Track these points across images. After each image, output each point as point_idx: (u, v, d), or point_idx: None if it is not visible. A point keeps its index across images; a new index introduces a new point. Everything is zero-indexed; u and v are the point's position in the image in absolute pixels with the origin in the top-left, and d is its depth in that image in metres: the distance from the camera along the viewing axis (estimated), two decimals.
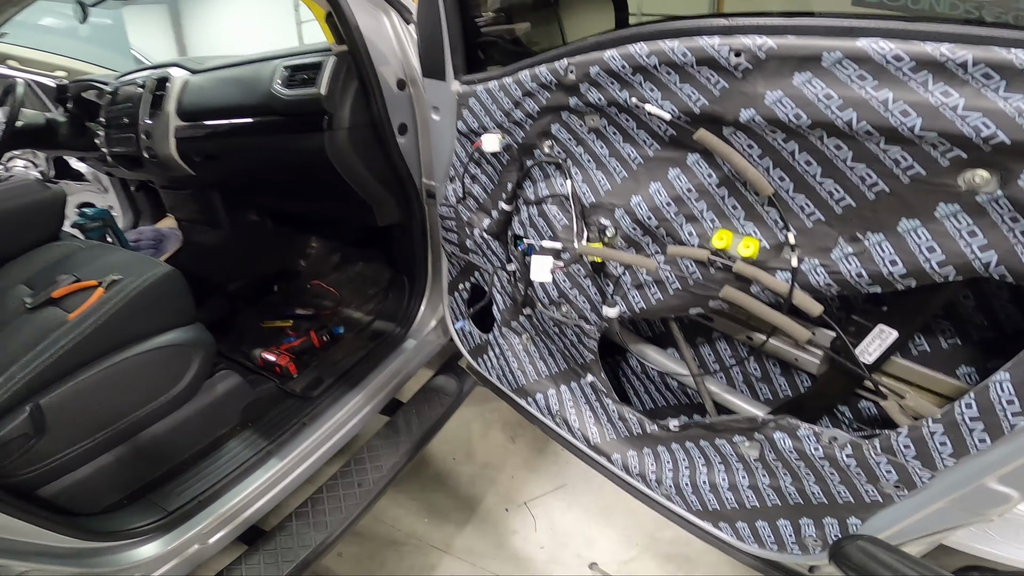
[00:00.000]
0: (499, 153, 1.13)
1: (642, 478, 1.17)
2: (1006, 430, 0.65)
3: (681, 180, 0.87)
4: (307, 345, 1.74)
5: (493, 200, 1.23)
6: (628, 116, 0.90)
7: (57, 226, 1.68)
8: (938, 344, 0.94)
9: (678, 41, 0.75)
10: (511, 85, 1.04)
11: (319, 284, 1.93)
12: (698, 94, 0.77)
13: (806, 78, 0.66)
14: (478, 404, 2.23)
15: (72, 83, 2.19)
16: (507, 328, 1.38)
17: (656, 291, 0.96)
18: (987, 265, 0.63)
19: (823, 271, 0.75)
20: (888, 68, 0.61)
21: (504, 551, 1.72)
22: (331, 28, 1.39)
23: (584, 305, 1.11)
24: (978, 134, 0.57)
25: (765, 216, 0.80)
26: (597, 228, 1.01)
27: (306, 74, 1.42)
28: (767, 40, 0.67)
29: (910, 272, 0.68)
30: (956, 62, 0.57)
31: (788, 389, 1.16)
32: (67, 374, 1.18)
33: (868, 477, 0.81)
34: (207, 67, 1.71)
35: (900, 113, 0.61)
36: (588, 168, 1.00)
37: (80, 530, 1.16)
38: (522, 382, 1.39)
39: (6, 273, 1.56)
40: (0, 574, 1.02)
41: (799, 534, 0.94)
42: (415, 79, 1.42)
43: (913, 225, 0.66)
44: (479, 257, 1.34)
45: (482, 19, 1.20)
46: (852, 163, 0.68)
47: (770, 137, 0.73)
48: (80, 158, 2.50)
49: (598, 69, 0.86)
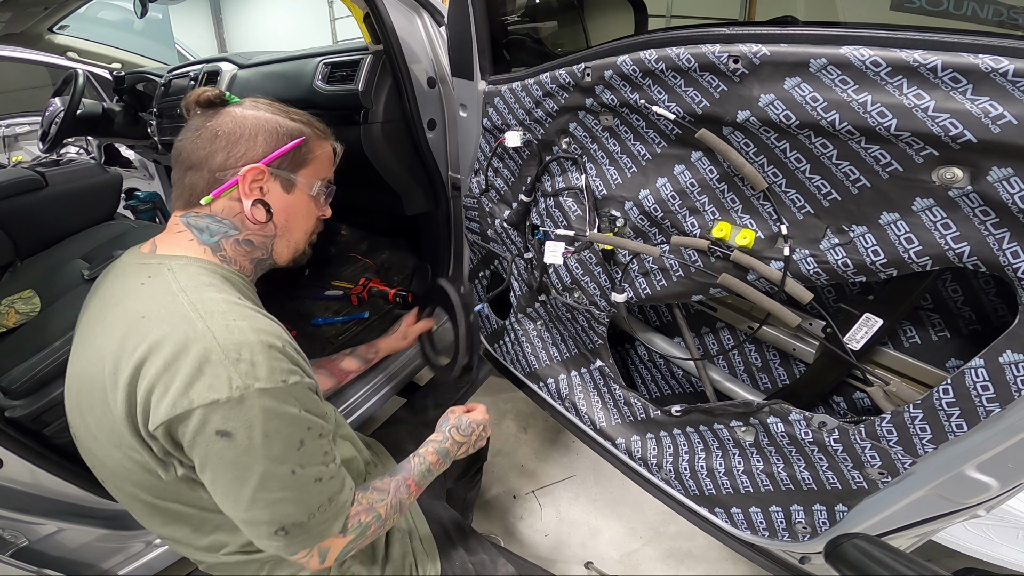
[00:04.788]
0: (520, 148, 1.20)
1: (644, 462, 1.21)
2: (982, 416, 0.68)
3: (685, 175, 0.92)
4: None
5: (513, 192, 1.30)
6: (638, 116, 0.96)
7: (114, 207, 1.81)
8: (928, 337, 0.97)
9: (683, 48, 0.81)
10: (533, 86, 1.11)
11: (355, 255, 2.03)
12: (700, 96, 0.83)
13: (795, 82, 0.72)
14: (492, 394, 2.30)
15: (128, 75, 2.32)
16: (523, 314, 1.45)
17: (661, 278, 1.02)
18: (960, 255, 0.67)
19: (813, 260, 0.80)
20: (867, 73, 0.66)
21: (510, 536, 1.77)
22: (368, 28, 1.46)
23: (594, 291, 1.17)
24: (947, 133, 0.62)
25: (760, 209, 0.85)
26: (608, 219, 1.07)
27: (345, 71, 1.50)
28: (762, 47, 0.73)
29: (891, 262, 0.73)
30: (927, 67, 0.62)
31: (786, 379, 1.20)
32: None
33: (854, 463, 0.84)
34: (254, 62, 1.81)
35: (878, 114, 0.66)
36: (601, 163, 1.07)
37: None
38: (535, 367, 1.46)
39: (66, 247, 1.69)
40: (34, 533, 1.08)
41: (789, 520, 0.98)
42: (444, 78, 1.49)
43: (893, 218, 0.71)
44: (499, 246, 1.42)
45: (509, 23, 1.27)
46: (837, 160, 0.73)
47: (764, 136, 0.79)
48: (131, 146, 2.65)
49: (612, 73, 0.93)
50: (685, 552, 1.69)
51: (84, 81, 2.04)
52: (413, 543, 1.00)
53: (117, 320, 0.68)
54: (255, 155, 0.77)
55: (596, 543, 1.74)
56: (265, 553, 0.80)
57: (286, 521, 0.69)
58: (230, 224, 0.79)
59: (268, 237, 0.82)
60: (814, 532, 0.94)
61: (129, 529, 1.25)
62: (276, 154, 0.78)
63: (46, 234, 1.73)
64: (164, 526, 0.79)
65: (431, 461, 0.96)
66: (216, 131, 0.76)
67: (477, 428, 1.06)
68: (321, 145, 0.85)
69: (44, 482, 1.09)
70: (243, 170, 0.76)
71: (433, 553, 1.02)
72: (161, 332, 0.64)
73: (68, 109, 2.00)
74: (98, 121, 2.20)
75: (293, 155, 0.80)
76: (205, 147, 0.76)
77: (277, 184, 0.80)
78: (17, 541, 1.08)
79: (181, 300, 0.67)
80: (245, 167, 0.76)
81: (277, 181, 0.80)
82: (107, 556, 1.25)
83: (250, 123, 0.78)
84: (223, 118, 0.78)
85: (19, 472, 1.05)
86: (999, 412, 0.66)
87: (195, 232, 0.77)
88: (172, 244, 0.77)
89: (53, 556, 1.14)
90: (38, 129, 2.22)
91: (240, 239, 0.80)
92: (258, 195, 0.78)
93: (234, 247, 0.79)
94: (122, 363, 0.65)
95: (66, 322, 1.30)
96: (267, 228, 0.81)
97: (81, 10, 2.34)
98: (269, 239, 0.83)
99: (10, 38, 2.31)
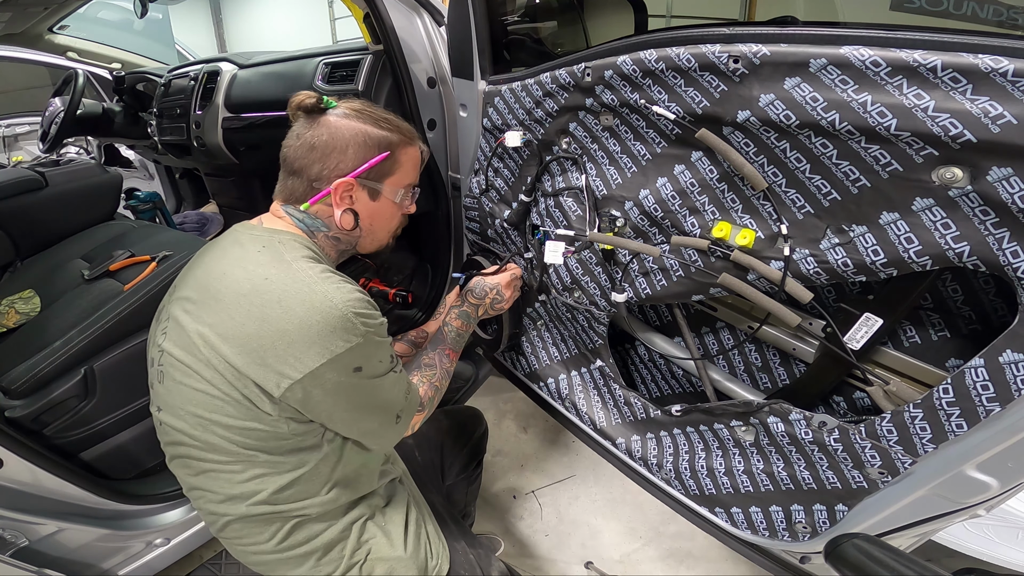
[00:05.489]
0: (520, 148, 1.21)
1: (644, 462, 1.21)
2: (982, 416, 0.68)
3: (685, 175, 0.92)
4: None
5: (513, 192, 1.30)
6: (638, 116, 0.96)
7: (114, 207, 1.81)
8: (928, 336, 0.97)
9: (683, 48, 0.82)
10: (533, 86, 1.11)
11: (355, 255, 2.03)
12: (700, 96, 0.83)
13: (795, 82, 0.72)
14: (492, 394, 2.30)
15: (128, 75, 2.32)
16: (523, 314, 1.45)
17: (661, 278, 1.02)
18: (960, 255, 0.67)
19: (813, 260, 0.80)
20: (867, 73, 0.66)
21: (510, 536, 1.77)
22: (368, 28, 1.47)
23: (594, 291, 1.17)
24: (947, 133, 0.62)
25: (760, 209, 0.85)
26: (608, 219, 1.07)
27: (345, 71, 1.51)
28: (762, 47, 0.73)
29: (891, 261, 0.73)
30: (927, 67, 0.62)
31: (787, 379, 1.20)
32: (119, 340, 1.25)
33: (854, 462, 0.84)
34: (254, 62, 1.82)
35: (878, 114, 0.66)
36: (601, 163, 1.07)
37: (117, 493, 1.23)
38: (535, 367, 1.46)
39: (65, 248, 1.68)
40: (34, 533, 1.09)
41: (789, 520, 0.97)
42: (444, 78, 1.49)
43: (893, 218, 0.71)
44: (499, 246, 1.42)
45: (509, 22, 1.28)
46: (837, 160, 0.73)
47: (764, 136, 0.79)
48: (131, 146, 2.65)
49: (612, 73, 0.93)
50: (685, 552, 1.69)
51: (84, 81, 2.05)
52: (427, 528, 1.04)
53: (240, 277, 0.80)
54: (346, 168, 0.88)
55: (596, 543, 1.74)
56: (288, 506, 0.87)
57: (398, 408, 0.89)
58: (322, 223, 0.92)
59: (355, 238, 0.96)
60: (814, 532, 0.94)
61: (129, 529, 1.26)
62: (364, 168, 0.89)
63: (46, 234, 1.73)
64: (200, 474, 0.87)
65: (457, 326, 1.15)
66: (313, 143, 0.88)
67: (491, 291, 1.22)
68: (407, 152, 0.95)
69: (44, 482, 1.09)
70: (336, 183, 0.87)
71: (443, 541, 1.06)
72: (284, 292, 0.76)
73: (68, 109, 2.00)
74: (98, 121, 2.21)
75: (380, 167, 0.91)
76: (304, 157, 0.88)
77: (364, 193, 0.92)
78: (17, 541, 1.08)
79: (295, 267, 0.80)
80: (337, 179, 0.88)
81: (365, 191, 0.92)
82: (107, 556, 1.25)
83: (344, 135, 0.88)
84: (319, 128, 0.88)
85: (19, 472, 1.05)
86: (999, 412, 0.66)
87: (295, 220, 0.91)
88: (278, 223, 0.90)
89: (53, 556, 1.14)
90: (38, 129, 2.23)
91: (330, 235, 0.93)
92: (348, 204, 0.91)
93: (324, 239, 0.93)
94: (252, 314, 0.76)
95: (66, 322, 1.30)
96: (354, 232, 0.94)
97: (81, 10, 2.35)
98: (355, 239, 0.97)
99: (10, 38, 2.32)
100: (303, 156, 0.88)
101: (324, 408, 0.80)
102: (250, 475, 0.84)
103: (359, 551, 0.94)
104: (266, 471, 0.84)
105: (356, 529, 0.94)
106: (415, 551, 0.98)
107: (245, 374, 0.77)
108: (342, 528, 0.93)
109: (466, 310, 1.19)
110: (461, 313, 1.18)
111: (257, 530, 0.89)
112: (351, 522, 0.94)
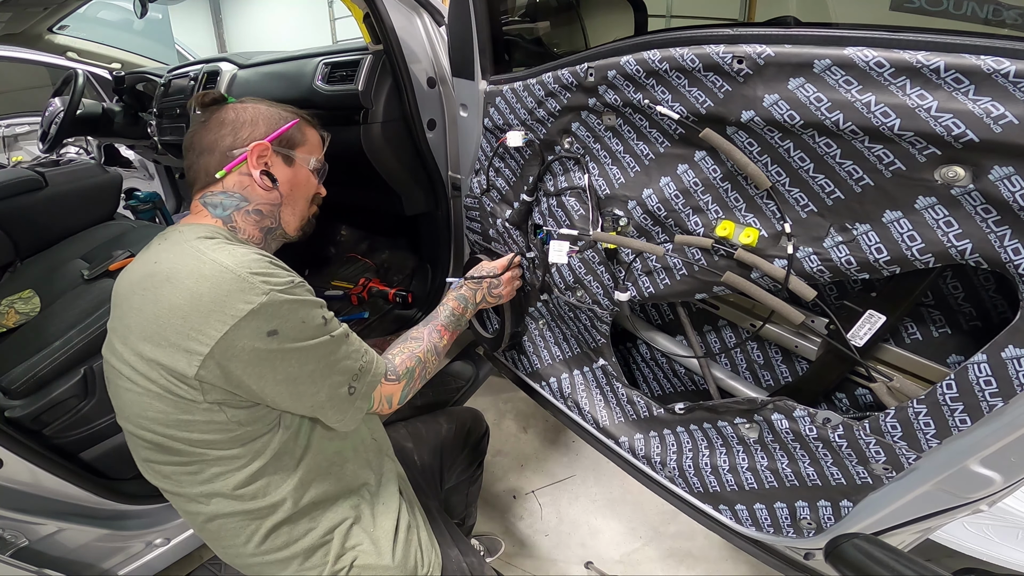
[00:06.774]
0: (522, 148, 1.21)
1: (647, 460, 1.21)
2: (985, 411, 0.69)
3: (689, 175, 0.93)
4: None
5: (515, 192, 1.31)
6: (642, 116, 0.96)
7: (114, 207, 1.81)
8: (930, 333, 0.98)
9: (687, 48, 0.82)
10: (535, 86, 1.11)
11: (354, 256, 2.04)
12: (704, 96, 0.83)
13: (799, 83, 0.72)
14: (493, 394, 2.30)
15: (128, 75, 2.32)
16: (524, 313, 1.45)
17: (664, 277, 1.02)
18: (963, 253, 0.67)
19: (816, 258, 0.80)
20: (871, 74, 0.66)
21: (510, 536, 1.77)
22: (368, 28, 1.48)
23: (597, 290, 1.17)
24: (949, 133, 0.62)
25: (764, 208, 0.85)
26: (611, 218, 1.07)
27: (345, 71, 1.51)
28: (766, 48, 0.74)
29: (894, 259, 0.73)
30: (930, 68, 0.62)
31: (789, 376, 1.20)
32: None
33: (859, 458, 0.84)
34: (254, 62, 1.81)
35: (881, 114, 0.66)
36: (604, 163, 1.07)
37: (117, 493, 1.23)
38: (537, 366, 1.46)
39: (65, 248, 1.69)
40: (34, 533, 1.09)
41: (794, 517, 0.97)
42: (444, 78, 1.50)
43: (896, 216, 0.71)
44: (500, 246, 1.42)
45: (509, 22, 1.28)
46: (841, 159, 0.73)
47: (768, 136, 0.79)
48: (131, 146, 2.65)
49: (615, 72, 0.93)
50: (685, 552, 1.69)
51: (84, 81, 2.05)
52: (420, 535, 1.01)
53: (135, 269, 0.82)
54: (258, 135, 0.91)
55: (596, 543, 1.74)
56: (256, 503, 0.84)
57: (348, 375, 0.85)
58: (240, 197, 0.90)
59: (275, 205, 0.94)
60: (819, 528, 0.94)
61: (129, 529, 1.25)
62: (276, 133, 0.92)
63: (46, 234, 1.73)
64: (164, 478, 0.86)
65: (453, 306, 1.17)
66: (222, 119, 0.91)
67: (488, 275, 1.26)
68: (311, 131, 1.00)
69: (44, 482, 1.09)
70: (251, 146, 0.89)
71: (435, 548, 1.03)
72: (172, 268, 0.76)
73: (68, 109, 2.00)
74: (98, 121, 2.21)
75: (290, 136, 0.95)
76: (214, 132, 0.90)
77: (279, 159, 0.94)
78: (17, 541, 1.08)
79: (187, 246, 0.79)
80: (252, 143, 0.89)
81: (279, 156, 0.94)
82: (107, 556, 1.25)
83: (250, 112, 0.92)
84: (224, 112, 0.92)
85: (19, 472, 1.06)
86: (1002, 407, 0.67)
87: (210, 209, 0.89)
88: (191, 220, 0.90)
89: (53, 556, 1.14)
90: (38, 129, 2.22)
91: (250, 209, 0.91)
92: (264, 167, 0.91)
93: (244, 217, 0.91)
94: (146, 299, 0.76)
95: (66, 322, 1.30)
96: (273, 196, 0.93)
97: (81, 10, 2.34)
98: (276, 207, 0.94)
99: (10, 38, 2.31)
100: (213, 132, 0.90)
101: (251, 383, 0.76)
102: (208, 475, 0.82)
103: (344, 557, 0.90)
104: (221, 469, 0.82)
105: (339, 535, 0.91)
106: (403, 560, 0.94)
107: (153, 359, 0.74)
108: (323, 532, 0.89)
109: (463, 292, 1.21)
110: (458, 296, 1.20)
111: (232, 532, 0.86)
112: (333, 526, 0.90)
